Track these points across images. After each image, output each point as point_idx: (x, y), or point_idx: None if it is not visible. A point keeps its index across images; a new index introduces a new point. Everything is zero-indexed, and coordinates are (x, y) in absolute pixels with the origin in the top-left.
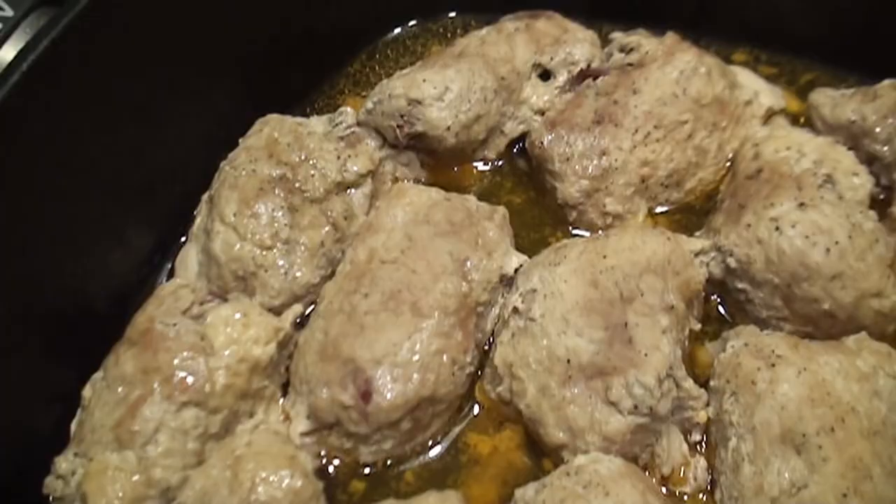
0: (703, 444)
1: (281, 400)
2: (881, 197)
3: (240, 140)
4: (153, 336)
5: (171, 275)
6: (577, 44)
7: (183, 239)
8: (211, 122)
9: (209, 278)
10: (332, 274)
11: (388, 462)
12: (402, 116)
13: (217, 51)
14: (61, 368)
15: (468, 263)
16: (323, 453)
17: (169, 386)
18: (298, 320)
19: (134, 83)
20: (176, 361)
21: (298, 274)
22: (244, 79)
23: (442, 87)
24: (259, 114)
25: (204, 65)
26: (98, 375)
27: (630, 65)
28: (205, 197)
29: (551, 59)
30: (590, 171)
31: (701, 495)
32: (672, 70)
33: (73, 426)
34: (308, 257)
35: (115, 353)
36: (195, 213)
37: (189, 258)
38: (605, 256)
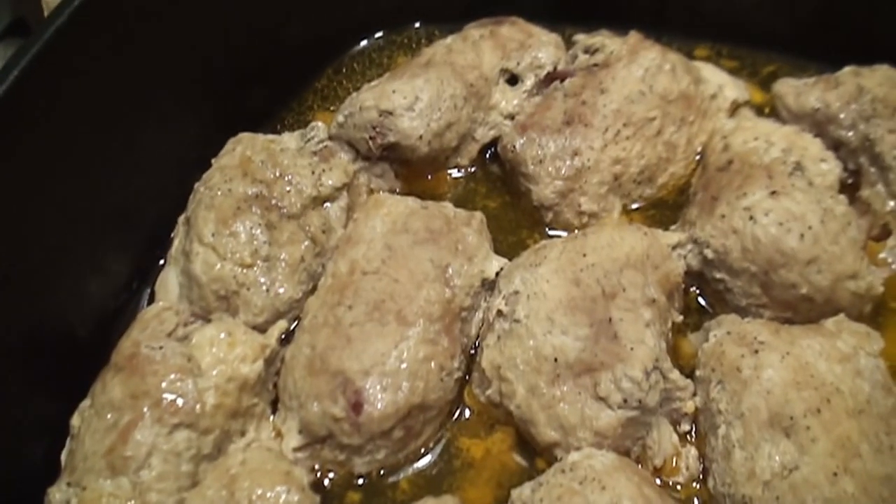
0: (693, 433)
1: (271, 417)
2: (849, 181)
3: (212, 161)
4: (140, 360)
5: (151, 299)
6: (542, 47)
7: (161, 262)
8: (182, 144)
9: (191, 300)
10: (314, 289)
11: (383, 472)
12: (374, 128)
13: (183, 73)
14: (47, 399)
15: (450, 270)
16: (317, 467)
17: (159, 409)
18: (283, 336)
19: (102, 110)
20: (164, 384)
21: (281, 290)
22: (212, 100)
23: (412, 97)
24: (229, 134)
25: (171, 88)
26: (86, 403)
27: (596, 65)
28: (181, 219)
29: (518, 63)
30: (563, 171)
31: (694, 484)
32: (637, 68)
33: (63, 456)
34: (289, 273)
35: (101, 379)
36: (172, 236)
37: (169, 281)
38: (584, 254)
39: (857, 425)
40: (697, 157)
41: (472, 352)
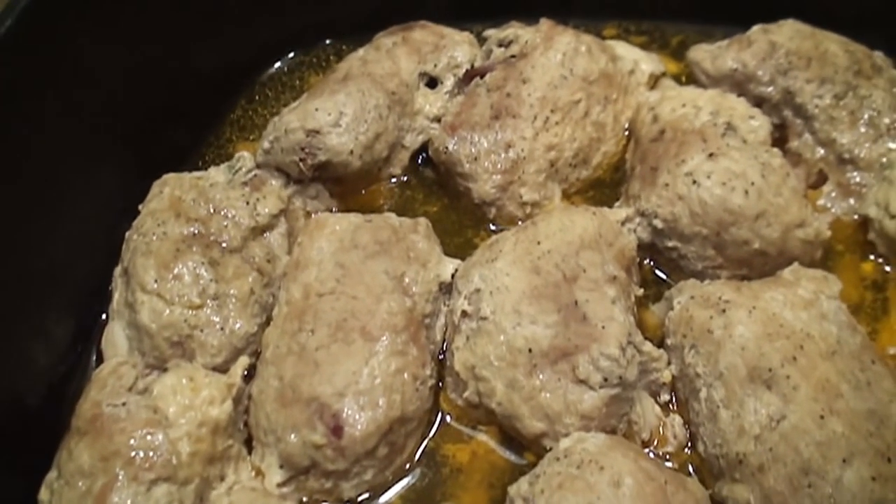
0: (674, 402)
1: (248, 456)
2: (776, 136)
3: (140, 207)
4: (104, 420)
5: (99, 359)
6: (456, 46)
7: (104, 317)
8: (105, 194)
9: (142, 352)
10: (268, 320)
11: (373, 493)
12: (302, 149)
13: (94, 121)
14: (8, 477)
15: (406, 278)
16: (304, 499)
17: (133, 467)
18: (246, 373)
19: (14, 168)
20: (134, 441)
21: (236, 326)
22: (128, 144)
23: (336, 113)
24: (152, 177)
25: (84, 137)
26: (52, 475)
27: (513, 57)
28: (117, 271)
29: (435, 65)
30: (499, 165)
31: (685, 450)
32: (555, 54)
33: None
34: (241, 308)
35: (65, 447)
36: (111, 289)
37: (115, 336)
38: (539, 242)
39: (833, 367)
40: (626, 133)
41: (441, 357)
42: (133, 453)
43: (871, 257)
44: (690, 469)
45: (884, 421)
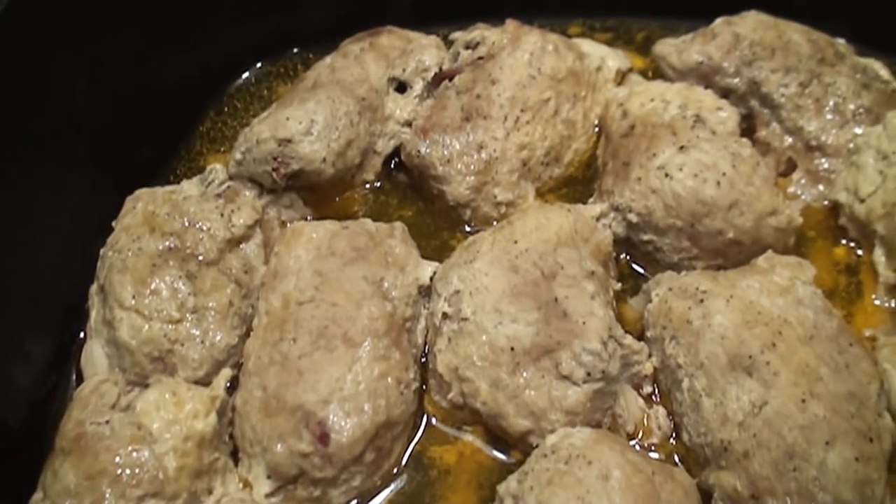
0: (656, 393)
1: (235, 468)
2: (743, 126)
3: (114, 223)
4: (88, 439)
5: (79, 378)
6: (423, 50)
7: (82, 335)
8: (77, 211)
9: (123, 368)
10: (249, 331)
11: (362, 498)
12: (275, 159)
13: (64, 140)
14: None
15: (385, 283)
16: None
17: (119, 485)
18: (228, 385)
19: None
20: (119, 458)
21: (217, 339)
22: (99, 160)
23: (307, 121)
24: (124, 193)
25: (54, 157)
26: (37, 497)
27: (480, 58)
28: (93, 289)
29: (404, 70)
30: (473, 167)
31: (670, 441)
32: (522, 53)
33: None
34: (220, 320)
35: (49, 468)
36: (88, 306)
37: (95, 355)
38: (516, 241)
39: (812, 351)
40: (596, 130)
41: (423, 360)
42: (119, 471)
43: (843, 242)
44: (676, 459)
45: (863, 402)
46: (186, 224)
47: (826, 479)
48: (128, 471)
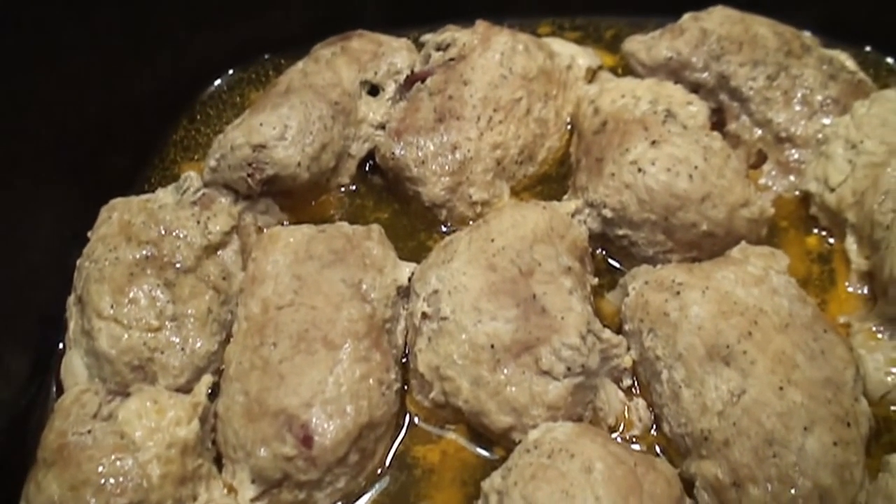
0: (636, 386)
1: (219, 474)
2: (714, 120)
3: (89, 234)
4: (70, 449)
5: (59, 390)
6: (395, 53)
7: (61, 346)
8: (52, 222)
9: (103, 378)
10: (229, 338)
11: (346, 500)
12: (250, 165)
13: (38, 152)
14: None
15: (363, 285)
16: None
17: (104, 494)
18: (210, 391)
19: None
20: (102, 468)
21: (197, 346)
22: (73, 173)
23: (281, 126)
24: (99, 203)
25: (28, 169)
26: None
27: (452, 60)
28: (70, 300)
29: (375, 73)
30: (447, 167)
31: (651, 432)
32: (493, 54)
33: None
34: (200, 327)
35: (32, 480)
36: (66, 317)
37: (74, 365)
38: (492, 240)
39: (788, 339)
40: (569, 127)
41: (404, 361)
42: (103, 480)
43: (815, 231)
44: (658, 450)
45: (840, 387)
46: (163, 232)
47: (805, 465)
48: (112, 480)
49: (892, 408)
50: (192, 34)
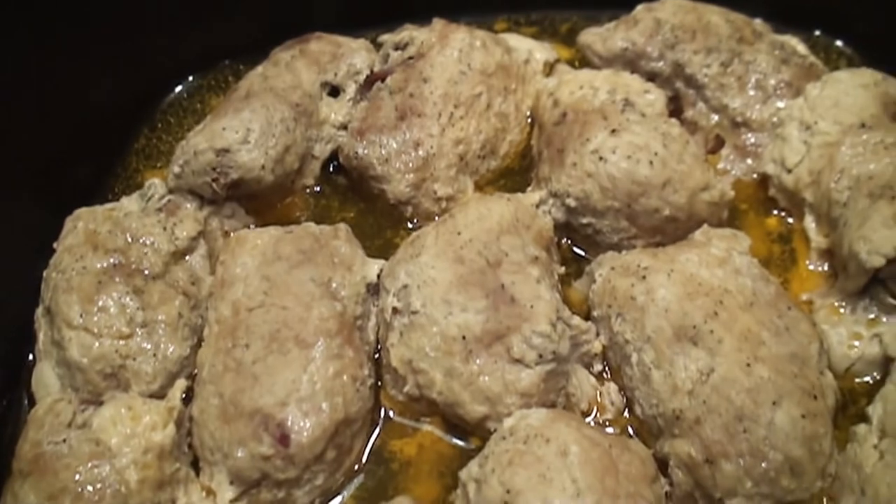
0: (607, 371)
1: (196, 478)
2: (671, 108)
3: (55, 245)
4: (46, 459)
5: (31, 402)
6: (354, 54)
7: (31, 358)
8: (17, 236)
9: (76, 388)
10: (200, 342)
11: (326, 496)
12: (214, 169)
13: None
14: None
15: (333, 284)
16: None
17: (82, 501)
18: (184, 395)
19: None
20: (80, 476)
21: (169, 351)
22: (35, 184)
23: (244, 130)
24: (63, 214)
25: None
26: None
27: (411, 58)
28: (38, 312)
29: (335, 74)
30: (411, 164)
31: (624, 415)
32: (451, 51)
33: None
34: (171, 332)
35: (8, 491)
36: (36, 328)
37: (45, 377)
38: (459, 233)
39: (753, 317)
40: (529, 121)
41: (376, 357)
42: (80, 488)
43: (775, 212)
44: (631, 432)
45: (805, 361)
46: (129, 240)
47: (776, 438)
48: (89, 487)
49: (857, 380)
50: (150, 42)
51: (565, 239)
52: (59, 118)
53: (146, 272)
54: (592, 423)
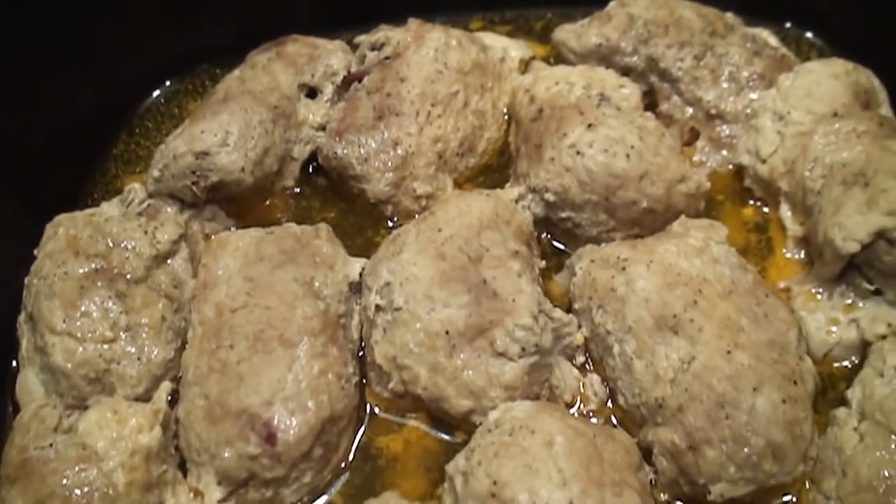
0: (589, 362)
1: (184, 479)
2: (646, 102)
3: (35, 252)
4: (33, 464)
5: (15, 409)
6: (330, 55)
7: (14, 365)
8: None
9: (60, 393)
10: (184, 345)
11: (313, 494)
12: (193, 172)
13: None
14: None
15: (315, 283)
16: None
17: None
18: (169, 398)
19: None
20: (67, 480)
21: (153, 354)
22: (14, 192)
23: (223, 133)
24: (43, 221)
25: None
26: None
27: (387, 58)
28: (20, 319)
29: (312, 75)
30: (390, 163)
31: (607, 405)
32: (427, 50)
33: None
34: (155, 335)
35: None
36: (19, 335)
37: (30, 383)
38: (440, 230)
39: (732, 305)
40: (506, 118)
41: (360, 355)
42: (68, 492)
43: (751, 202)
44: (614, 421)
45: (784, 347)
46: (111, 245)
47: (757, 423)
48: (77, 491)
49: (836, 364)
50: (126, 47)
51: (545, 233)
52: (37, 125)
53: (128, 276)
54: (576, 414)
